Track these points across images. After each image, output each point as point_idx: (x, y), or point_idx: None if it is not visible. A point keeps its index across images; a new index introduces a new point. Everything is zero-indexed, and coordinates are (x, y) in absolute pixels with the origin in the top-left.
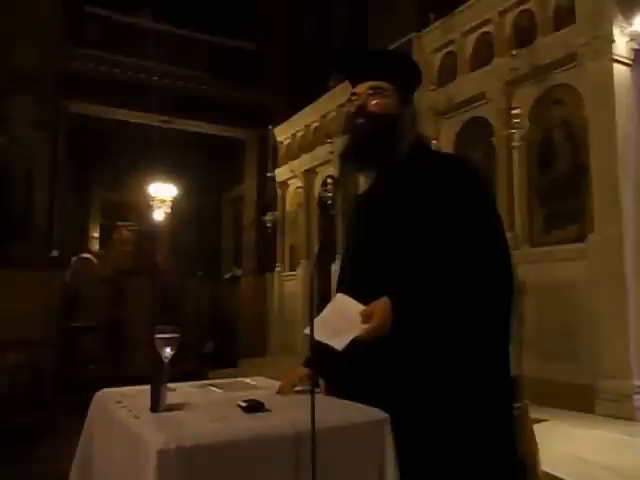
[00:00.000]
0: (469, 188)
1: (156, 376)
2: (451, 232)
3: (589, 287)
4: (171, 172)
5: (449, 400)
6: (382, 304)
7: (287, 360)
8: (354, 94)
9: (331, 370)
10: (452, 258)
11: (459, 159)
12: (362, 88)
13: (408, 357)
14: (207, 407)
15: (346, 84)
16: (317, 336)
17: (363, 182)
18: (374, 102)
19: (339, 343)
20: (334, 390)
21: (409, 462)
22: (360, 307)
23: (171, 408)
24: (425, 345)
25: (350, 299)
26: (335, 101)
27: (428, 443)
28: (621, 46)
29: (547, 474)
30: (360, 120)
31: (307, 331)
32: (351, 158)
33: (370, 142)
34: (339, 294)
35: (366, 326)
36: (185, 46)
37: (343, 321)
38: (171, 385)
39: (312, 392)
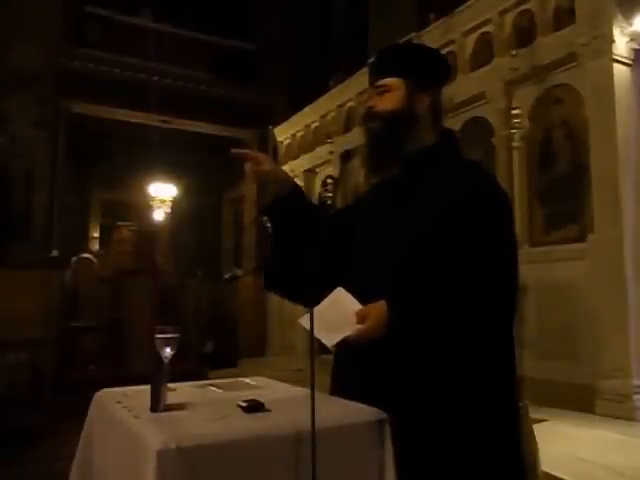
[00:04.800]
0: (478, 193)
1: (156, 376)
2: (456, 236)
3: (589, 287)
4: (171, 172)
5: (450, 402)
6: (378, 306)
7: (287, 360)
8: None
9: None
10: (456, 262)
11: (473, 162)
12: (371, 88)
13: (408, 358)
14: (207, 407)
15: (346, 84)
16: (309, 327)
17: (362, 182)
18: (380, 101)
19: (329, 340)
20: (335, 389)
21: (412, 463)
22: (357, 306)
23: (171, 408)
24: (424, 348)
25: (349, 296)
26: (335, 101)
27: (430, 444)
28: (621, 46)
29: (547, 474)
30: (370, 124)
31: (303, 322)
32: (369, 162)
33: (383, 144)
34: (339, 288)
35: (359, 327)
36: (185, 46)
37: (338, 317)
38: (171, 385)
39: (312, 392)
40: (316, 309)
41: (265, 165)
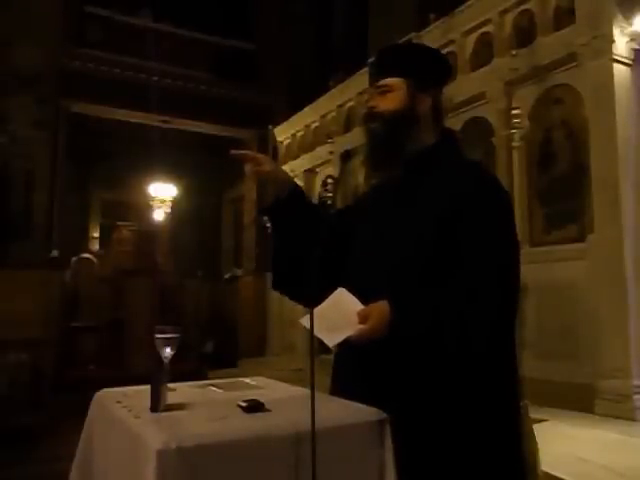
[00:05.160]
0: (479, 192)
1: (156, 376)
2: (457, 236)
3: (589, 287)
4: (171, 172)
5: (450, 402)
6: (380, 306)
7: (287, 360)
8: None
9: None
10: (457, 262)
11: (474, 162)
12: (372, 88)
13: (409, 359)
14: (207, 407)
15: (346, 84)
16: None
17: (362, 182)
18: (381, 101)
19: (331, 340)
20: (336, 389)
21: (412, 463)
22: (359, 306)
23: (171, 408)
24: (425, 348)
25: (351, 296)
26: (335, 101)
27: (431, 444)
28: (621, 46)
29: (547, 474)
30: (372, 124)
31: (304, 322)
32: (370, 162)
33: (384, 144)
34: (341, 288)
35: (361, 327)
36: (185, 46)
37: (339, 317)
38: (171, 385)
39: (312, 392)
40: (317, 309)
41: (265, 166)
